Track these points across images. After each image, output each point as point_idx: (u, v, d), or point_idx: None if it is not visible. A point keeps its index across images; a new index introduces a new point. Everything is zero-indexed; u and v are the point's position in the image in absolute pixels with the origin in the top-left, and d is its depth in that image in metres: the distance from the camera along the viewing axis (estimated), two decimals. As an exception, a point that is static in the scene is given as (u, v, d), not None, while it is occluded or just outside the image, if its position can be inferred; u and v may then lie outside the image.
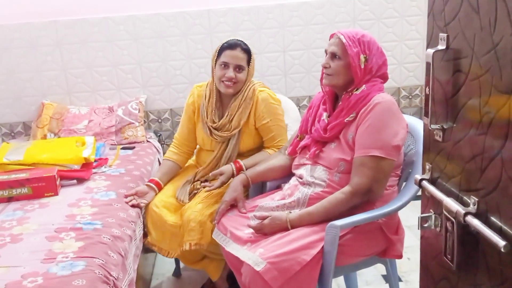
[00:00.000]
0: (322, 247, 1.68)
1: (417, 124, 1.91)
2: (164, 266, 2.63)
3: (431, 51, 0.91)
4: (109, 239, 1.82)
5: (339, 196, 1.71)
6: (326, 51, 1.84)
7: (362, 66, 1.76)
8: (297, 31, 3.19)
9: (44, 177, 2.21)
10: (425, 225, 1.02)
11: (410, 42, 3.27)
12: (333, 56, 1.80)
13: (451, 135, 0.93)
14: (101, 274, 1.60)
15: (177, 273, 2.56)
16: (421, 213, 1.07)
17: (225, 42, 2.16)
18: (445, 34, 0.91)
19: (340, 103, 1.82)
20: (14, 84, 3.10)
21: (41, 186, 2.20)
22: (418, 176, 1.03)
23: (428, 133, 1.02)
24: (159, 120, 3.28)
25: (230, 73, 2.11)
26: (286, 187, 1.94)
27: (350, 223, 1.66)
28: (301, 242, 1.67)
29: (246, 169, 2.12)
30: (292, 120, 2.44)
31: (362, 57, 1.75)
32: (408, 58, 3.31)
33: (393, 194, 1.82)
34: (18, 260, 1.67)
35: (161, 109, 3.25)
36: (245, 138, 2.24)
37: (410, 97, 3.40)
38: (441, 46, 0.92)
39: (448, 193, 0.95)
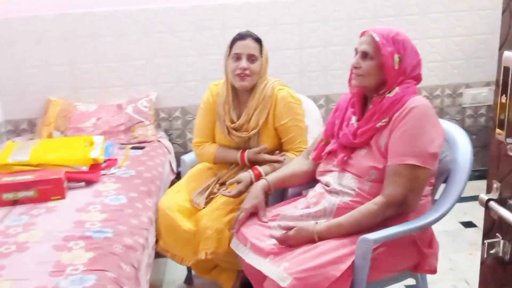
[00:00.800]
0: (352, 261, 1.55)
1: (452, 129, 1.78)
2: (175, 273, 2.51)
3: (510, 54, 0.78)
4: (121, 250, 1.70)
5: (371, 207, 1.58)
6: (356, 50, 1.71)
7: (396, 67, 1.62)
8: (314, 27, 3.06)
9: (51, 179, 2.09)
10: (492, 251, 0.90)
11: (432, 40, 3.13)
12: (365, 55, 1.66)
13: (531, 152, 0.80)
14: (114, 290, 1.48)
15: (189, 280, 2.44)
16: (484, 237, 0.94)
17: (236, 35, 2.09)
18: (528, 35, 0.78)
19: (371, 106, 1.69)
20: (19, 79, 2.98)
21: (47, 189, 2.09)
22: (485, 196, 0.90)
23: (497, 147, 0.89)
24: (170, 119, 3.15)
25: (243, 63, 2.01)
26: (311, 194, 1.81)
27: (384, 237, 1.54)
28: (330, 256, 1.54)
29: (265, 176, 1.99)
30: (312, 122, 2.30)
31: (396, 57, 1.62)
32: (429, 57, 3.17)
33: (427, 204, 1.69)
34: (24, 272, 1.55)
35: (171, 107, 3.13)
36: (265, 139, 2.11)
37: (431, 97, 3.26)
38: (522, 48, 0.79)
39: (525, 218, 0.82)
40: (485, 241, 0.90)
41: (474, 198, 1.63)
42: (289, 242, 1.64)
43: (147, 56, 3.02)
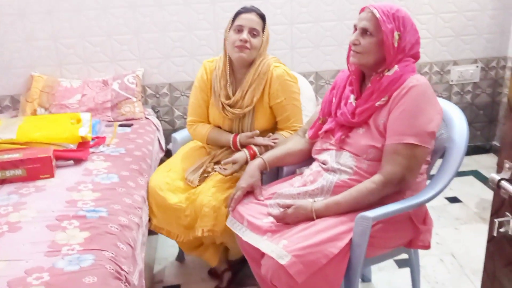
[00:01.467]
0: (350, 239, 1.56)
1: (449, 108, 1.79)
2: (167, 250, 2.50)
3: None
4: (117, 229, 1.68)
5: (369, 186, 1.59)
6: (355, 26, 1.69)
7: (396, 45, 1.61)
8: (305, 2, 3.02)
9: (39, 158, 2.05)
10: (502, 229, 0.91)
11: (422, 16, 3.13)
12: (364, 32, 1.64)
13: (547, 132, 0.81)
14: (112, 269, 1.47)
15: (180, 257, 2.44)
16: (493, 215, 0.95)
17: (241, 8, 2.04)
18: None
19: (370, 85, 1.68)
20: (1, 55, 2.87)
21: (36, 168, 2.05)
22: (496, 176, 0.90)
23: (511, 127, 0.89)
24: (157, 95, 3.09)
25: (244, 35, 1.97)
26: (308, 173, 1.81)
27: (382, 215, 1.55)
28: (328, 234, 1.55)
29: (260, 154, 1.98)
30: (306, 99, 2.28)
31: (396, 34, 1.60)
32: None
33: (423, 182, 1.71)
34: (19, 253, 1.53)
35: (159, 84, 3.07)
36: (260, 117, 2.09)
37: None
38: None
39: (538, 198, 0.83)
40: (494, 220, 0.91)
41: (459, 174, 1.66)
42: (287, 220, 1.64)
43: (133, 31, 2.94)
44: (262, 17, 2.03)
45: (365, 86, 1.72)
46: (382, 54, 1.63)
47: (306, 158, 1.91)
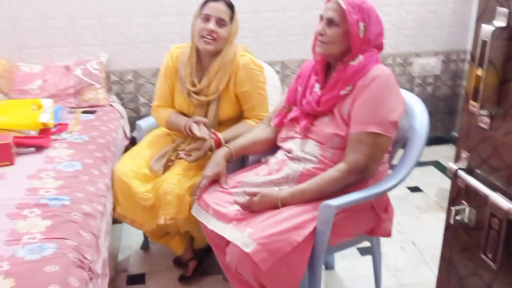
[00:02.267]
0: (314, 227, 1.59)
1: (411, 99, 1.83)
2: (131, 239, 2.48)
3: (489, 28, 0.80)
4: (80, 217, 1.65)
5: (333, 174, 1.62)
6: (321, 16, 1.70)
7: (361, 35, 1.63)
8: (272, -9, 3.01)
9: (-2, 145, 1.97)
10: (458, 217, 0.94)
11: (386, 8, 3.18)
12: (330, 22, 1.66)
13: (502, 124, 0.84)
14: (75, 258, 1.45)
15: (145, 246, 2.43)
16: (450, 203, 0.98)
17: None
18: (506, 10, 0.80)
19: (335, 74, 1.70)
20: (-45, 36, 2.75)
21: (-6, 155, 1.97)
22: (454, 165, 0.94)
23: (468, 118, 0.93)
24: (121, 82, 3.03)
25: (211, 25, 1.95)
26: (273, 161, 1.82)
27: (346, 203, 1.58)
28: (292, 222, 1.57)
29: (225, 143, 1.98)
30: (272, 89, 2.29)
31: (361, 25, 1.63)
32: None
33: (384, 171, 1.75)
34: (-23, 242, 1.47)
35: (123, 70, 3.01)
36: (225, 105, 2.08)
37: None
38: (500, 23, 0.81)
39: (493, 187, 0.86)
40: (451, 208, 0.94)
41: (420, 164, 1.71)
42: (253, 208, 1.66)
43: (97, 15, 2.87)
44: (231, 6, 2.01)
45: (330, 75, 1.74)
46: (347, 44, 1.66)
47: (271, 147, 1.93)
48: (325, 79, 1.76)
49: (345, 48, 1.67)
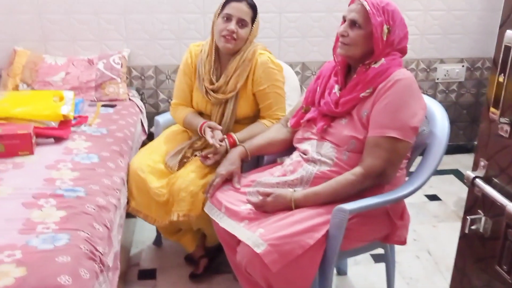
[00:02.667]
0: (327, 230, 1.57)
1: (432, 105, 1.80)
2: (145, 234, 2.50)
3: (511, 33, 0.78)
4: (94, 209, 1.66)
5: (349, 178, 1.59)
6: (344, 18, 1.68)
7: (384, 38, 1.61)
8: (295, -9, 3.00)
9: (19, 134, 2.01)
10: (473, 227, 0.92)
11: (411, 13, 3.13)
12: (353, 24, 1.64)
13: (523, 133, 0.81)
14: (87, 250, 1.45)
15: (158, 241, 2.44)
16: (466, 212, 0.96)
17: None
18: (532, 15, 0.77)
19: (355, 76, 1.68)
20: (-18, 26, 2.81)
21: (15, 144, 2.01)
22: (471, 174, 0.91)
23: (488, 126, 0.90)
24: (142, 77, 3.06)
25: (232, 25, 1.94)
26: (288, 162, 1.81)
27: (359, 208, 1.56)
28: (305, 225, 1.56)
29: (240, 143, 1.97)
30: (290, 89, 2.28)
31: (385, 27, 1.60)
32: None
33: (402, 177, 1.72)
34: (-8, 229, 1.50)
35: (144, 66, 3.03)
36: (242, 103, 2.08)
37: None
38: (525, 28, 0.78)
39: (510, 197, 0.83)
40: (467, 217, 0.92)
41: (440, 172, 1.68)
42: (266, 208, 1.65)
43: (121, 10, 2.89)
44: (253, 7, 1.99)
45: (350, 77, 1.72)
46: (369, 47, 1.63)
47: (287, 148, 1.91)
48: (345, 81, 1.74)
49: (367, 51, 1.65)
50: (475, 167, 0.94)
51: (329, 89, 1.75)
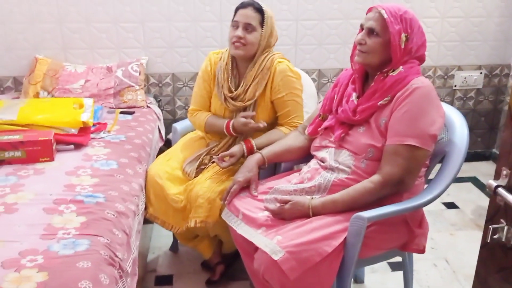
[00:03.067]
0: (345, 238, 1.57)
1: (451, 112, 1.79)
2: (161, 240, 2.51)
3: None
4: (113, 215, 1.68)
5: (367, 186, 1.59)
6: (362, 26, 1.68)
7: (402, 46, 1.61)
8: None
9: (40, 141, 2.04)
10: (495, 236, 0.91)
11: (429, 20, 3.12)
12: (371, 32, 1.64)
13: (546, 142, 0.81)
14: (107, 255, 1.47)
15: (174, 248, 2.45)
16: (488, 221, 0.95)
17: (239, 3, 2.03)
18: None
19: (373, 84, 1.68)
20: (5, 34, 2.87)
21: (36, 150, 2.04)
22: (493, 182, 0.91)
23: (510, 134, 0.89)
24: (160, 85, 3.09)
25: (238, 31, 1.97)
26: (305, 170, 1.81)
27: (378, 216, 1.55)
28: (323, 232, 1.56)
29: (257, 149, 1.98)
30: (308, 96, 2.28)
31: (403, 36, 1.60)
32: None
33: (420, 185, 1.71)
34: (14, 234, 1.53)
35: (162, 73, 3.06)
36: (260, 111, 2.09)
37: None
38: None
39: (534, 207, 0.83)
40: (489, 226, 0.91)
41: (458, 180, 1.67)
42: (283, 215, 1.65)
43: (139, 19, 2.93)
44: (260, 11, 2.01)
45: (368, 85, 1.72)
46: (387, 55, 1.63)
47: (305, 155, 1.92)
48: (363, 89, 1.74)
49: (384, 59, 1.65)
50: (497, 176, 0.94)
51: (347, 97, 1.75)
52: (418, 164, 1.60)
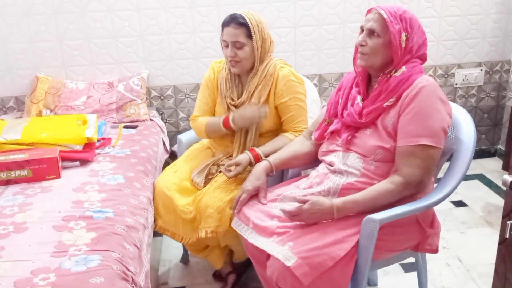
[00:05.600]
0: (357, 241, 1.55)
1: (456, 110, 1.78)
2: (171, 252, 2.50)
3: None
4: (123, 230, 1.67)
5: (389, 187, 1.56)
6: (362, 27, 1.68)
7: (403, 45, 1.61)
8: (309, 5, 3.02)
9: (46, 159, 2.04)
10: (513, 232, 0.90)
11: (426, 20, 3.13)
12: (371, 33, 1.64)
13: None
14: (119, 270, 1.46)
15: (185, 259, 2.44)
16: (505, 217, 0.94)
17: (224, 20, 2.02)
18: None
19: (376, 85, 1.68)
20: (5, 55, 2.88)
21: (42, 168, 2.04)
22: (509, 177, 0.90)
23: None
24: (162, 97, 3.09)
25: (229, 51, 1.99)
26: (314, 174, 1.80)
27: (390, 217, 1.54)
28: (335, 236, 1.55)
29: (263, 157, 1.97)
30: (311, 101, 2.28)
31: (403, 35, 1.60)
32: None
33: (430, 184, 1.70)
34: (25, 253, 1.52)
35: (163, 86, 3.07)
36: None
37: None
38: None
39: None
40: (507, 222, 0.90)
41: (464, 177, 1.67)
42: (302, 216, 1.60)
43: (138, 33, 2.94)
44: (242, 24, 1.97)
45: (372, 87, 1.72)
46: (389, 55, 1.63)
47: (312, 161, 1.91)
48: (366, 91, 1.74)
49: (386, 59, 1.65)
50: (511, 170, 0.93)
51: (352, 100, 1.75)
52: (434, 163, 1.59)
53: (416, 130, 1.56)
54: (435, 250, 1.72)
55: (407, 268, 2.27)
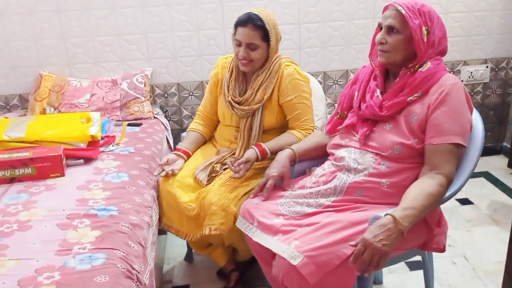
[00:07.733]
0: (364, 239, 1.53)
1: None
2: (175, 250, 2.49)
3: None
4: (128, 228, 1.66)
5: (438, 190, 1.51)
6: (380, 25, 1.67)
7: (425, 39, 1.59)
8: (313, 2, 3.00)
9: (50, 157, 2.03)
10: (525, 230, 0.88)
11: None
12: (390, 30, 1.62)
13: None
14: (124, 268, 1.46)
15: (189, 257, 2.43)
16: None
17: (239, 17, 2.00)
18: None
19: (397, 80, 1.66)
20: (9, 53, 2.87)
21: (46, 166, 2.04)
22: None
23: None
24: (165, 95, 3.08)
25: (242, 52, 1.97)
26: (320, 172, 1.78)
27: (397, 215, 1.52)
28: (341, 235, 1.53)
29: (269, 152, 1.98)
30: (316, 99, 2.26)
31: (424, 29, 1.59)
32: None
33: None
34: (29, 252, 1.51)
35: (167, 83, 3.06)
36: (267, 114, 2.08)
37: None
38: None
39: None
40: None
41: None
42: (370, 248, 1.41)
43: (142, 31, 2.93)
44: (260, 27, 1.96)
45: (390, 81, 1.71)
46: (410, 51, 1.62)
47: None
48: (384, 85, 1.73)
49: (407, 55, 1.64)
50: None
51: (371, 92, 1.73)
52: (461, 162, 1.60)
53: (453, 128, 1.55)
54: (442, 249, 1.70)
55: (412, 266, 2.26)
